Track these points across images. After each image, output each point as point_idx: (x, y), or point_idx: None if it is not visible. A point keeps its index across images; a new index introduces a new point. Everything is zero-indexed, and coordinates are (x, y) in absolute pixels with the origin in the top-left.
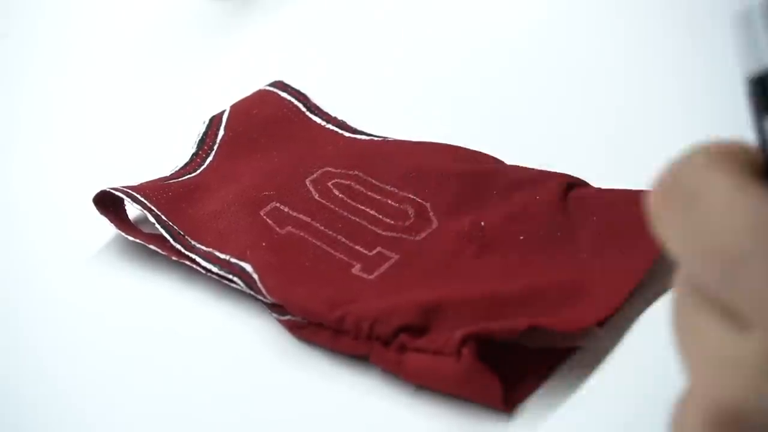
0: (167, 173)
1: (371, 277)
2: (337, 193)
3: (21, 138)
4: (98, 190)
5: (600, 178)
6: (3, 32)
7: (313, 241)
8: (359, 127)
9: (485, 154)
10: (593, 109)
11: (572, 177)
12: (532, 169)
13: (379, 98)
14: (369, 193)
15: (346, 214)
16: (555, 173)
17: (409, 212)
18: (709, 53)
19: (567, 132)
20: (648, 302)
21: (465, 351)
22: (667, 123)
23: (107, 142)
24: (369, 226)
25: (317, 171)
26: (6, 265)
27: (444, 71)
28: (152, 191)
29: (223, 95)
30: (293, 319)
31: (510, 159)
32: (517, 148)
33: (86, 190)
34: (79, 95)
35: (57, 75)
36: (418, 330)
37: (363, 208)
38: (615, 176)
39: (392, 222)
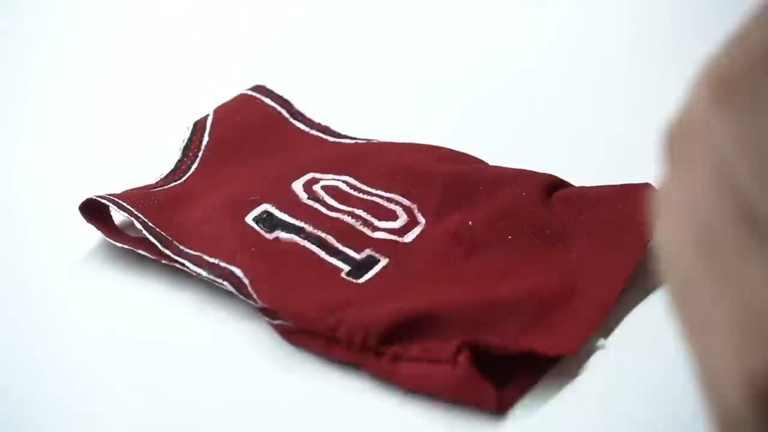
0: (153, 181)
1: (361, 281)
2: (324, 194)
3: (4, 142)
4: (83, 198)
5: (589, 181)
6: None
7: (302, 244)
8: (342, 132)
9: (467, 154)
10: (578, 111)
11: (555, 177)
12: (516, 168)
13: (361, 102)
14: (357, 195)
15: (334, 215)
16: (538, 173)
17: (398, 213)
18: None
19: (552, 134)
20: (637, 301)
21: (461, 358)
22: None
23: (92, 146)
24: (358, 228)
25: (303, 176)
26: None
27: (426, 74)
28: (138, 199)
29: (207, 98)
30: (285, 324)
31: (494, 161)
32: (501, 151)
33: (72, 194)
34: (63, 102)
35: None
36: (410, 339)
37: (351, 209)
38: (604, 179)
39: (381, 223)
